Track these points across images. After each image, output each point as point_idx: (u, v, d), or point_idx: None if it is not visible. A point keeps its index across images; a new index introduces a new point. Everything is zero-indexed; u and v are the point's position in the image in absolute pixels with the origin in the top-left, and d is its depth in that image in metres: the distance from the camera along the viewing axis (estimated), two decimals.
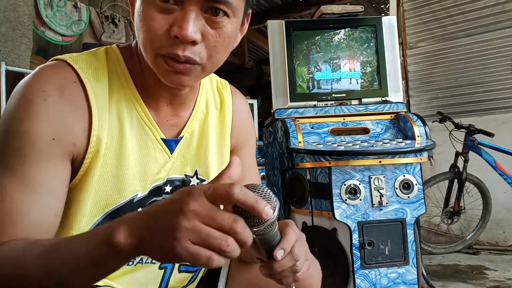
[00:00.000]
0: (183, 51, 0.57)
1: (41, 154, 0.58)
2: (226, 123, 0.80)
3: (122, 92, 0.66)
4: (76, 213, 0.63)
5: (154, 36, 0.58)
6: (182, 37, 0.56)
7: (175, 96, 0.70)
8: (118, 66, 0.67)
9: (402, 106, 1.96)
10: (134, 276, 0.73)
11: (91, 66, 0.64)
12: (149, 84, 0.68)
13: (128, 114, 0.66)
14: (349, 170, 1.67)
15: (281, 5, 5.41)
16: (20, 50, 2.53)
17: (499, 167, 2.78)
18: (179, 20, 0.56)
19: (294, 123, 1.83)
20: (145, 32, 0.59)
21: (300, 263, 0.57)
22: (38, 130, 0.58)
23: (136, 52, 0.68)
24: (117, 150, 0.65)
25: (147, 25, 0.58)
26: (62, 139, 0.59)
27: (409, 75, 3.55)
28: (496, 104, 3.18)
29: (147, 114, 0.68)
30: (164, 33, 0.57)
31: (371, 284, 1.62)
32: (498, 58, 3.18)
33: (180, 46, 0.57)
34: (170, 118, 0.71)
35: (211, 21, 0.58)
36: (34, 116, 0.58)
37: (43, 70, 0.62)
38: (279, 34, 2.01)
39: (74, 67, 0.62)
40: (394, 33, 2.09)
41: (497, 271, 2.43)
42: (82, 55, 0.66)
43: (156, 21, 0.57)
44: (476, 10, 3.25)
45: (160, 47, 0.58)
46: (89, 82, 0.62)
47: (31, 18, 2.66)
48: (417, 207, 1.70)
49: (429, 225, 3.22)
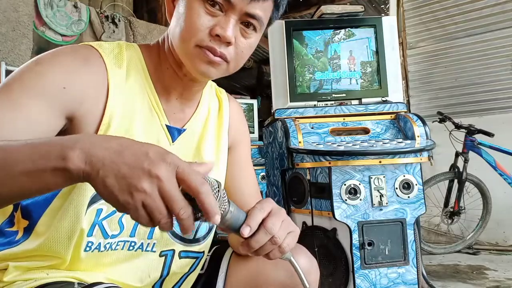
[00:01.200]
0: (219, 48, 0.67)
1: (45, 92, 0.61)
2: (224, 124, 0.87)
3: (138, 79, 0.73)
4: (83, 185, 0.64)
5: (198, 30, 0.66)
6: (223, 36, 0.66)
7: (186, 91, 0.77)
8: (137, 57, 0.74)
9: (402, 106, 1.96)
10: (135, 264, 0.74)
11: (113, 53, 0.71)
12: (164, 77, 0.75)
13: (140, 98, 0.72)
14: (349, 170, 1.67)
15: None
16: (20, 50, 2.54)
17: (499, 167, 2.78)
18: (222, 23, 0.66)
19: (294, 123, 1.83)
20: (189, 26, 0.67)
21: (280, 235, 0.61)
22: (54, 74, 0.62)
23: (156, 49, 0.76)
24: (126, 127, 0.69)
25: (194, 20, 0.67)
26: (72, 92, 0.63)
27: (409, 75, 3.55)
28: (496, 104, 3.19)
29: (157, 102, 0.74)
30: (206, 30, 0.67)
31: (371, 284, 1.62)
32: (498, 58, 3.18)
33: (218, 43, 0.67)
34: (177, 111, 0.78)
35: (243, 31, 0.70)
36: (57, 65, 0.63)
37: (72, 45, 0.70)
38: (279, 34, 2.01)
39: (98, 50, 0.69)
40: (394, 33, 2.09)
41: (497, 271, 2.43)
42: (105, 43, 0.72)
43: (202, 19, 0.66)
44: (476, 10, 3.25)
45: (201, 40, 0.67)
46: (110, 64, 0.69)
47: (31, 18, 2.66)
48: (417, 207, 1.70)
49: (429, 225, 3.22)
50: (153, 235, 0.74)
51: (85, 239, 0.66)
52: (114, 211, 0.68)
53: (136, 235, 0.72)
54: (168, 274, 0.78)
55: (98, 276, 0.69)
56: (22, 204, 0.67)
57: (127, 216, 0.69)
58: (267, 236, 0.60)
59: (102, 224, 0.68)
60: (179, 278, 0.81)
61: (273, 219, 0.61)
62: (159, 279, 0.78)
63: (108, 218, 0.68)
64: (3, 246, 0.67)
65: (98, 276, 0.69)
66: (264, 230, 0.60)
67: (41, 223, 0.66)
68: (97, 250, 0.68)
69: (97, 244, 0.68)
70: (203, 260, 0.85)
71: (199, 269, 0.85)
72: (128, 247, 0.72)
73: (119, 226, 0.70)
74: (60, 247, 0.65)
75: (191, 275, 0.83)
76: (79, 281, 0.67)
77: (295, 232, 0.66)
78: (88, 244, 0.67)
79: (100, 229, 0.68)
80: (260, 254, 0.62)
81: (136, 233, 0.72)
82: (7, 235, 0.68)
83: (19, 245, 0.67)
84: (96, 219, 0.67)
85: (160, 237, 0.75)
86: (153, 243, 0.75)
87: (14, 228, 0.68)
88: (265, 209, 0.61)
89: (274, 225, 0.60)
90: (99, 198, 0.66)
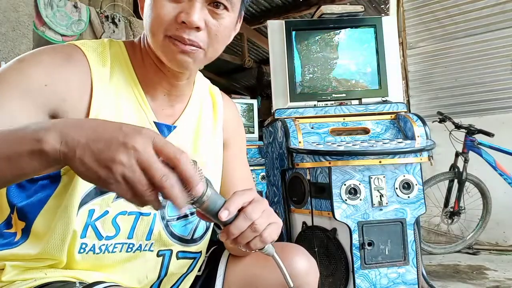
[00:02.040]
0: (188, 35, 0.65)
1: (27, 90, 0.60)
2: (218, 121, 0.86)
3: (122, 77, 0.72)
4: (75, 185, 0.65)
5: (163, 20, 0.65)
6: (188, 22, 0.64)
7: (173, 87, 0.75)
8: (121, 55, 0.73)
9: (402, 106, 1.96)
10: (133, 265, 0.73)
11: (96, 51, 0.70)
12: (149, 73, 0.73)
13: (126, 96, 0.71)
14: (349, 170, 1.67)
15: (281, 5, 5.41)
16: (20, 50, 2.54)
17: (499, 167, 2.78)
18: (186, 9, 0.64)
19: (294, 123, 1.83)
20: (155, 18, 0.66)
21: (260, 222, 0.60)
22: (34, 72, 0.62)
23: (139, 45, 0.75)
24: None
25: (157, 11, 0.65)
26: (54, 89, 0.63)
27: (409, 75, 3.55)
28: (496, 104, 3.19)
29: (144, 99, 0.73)
30: (172, 19, 0.65)
31: (371, 284, 1.62)
32: (498, 58, 3.18)
33: (186, 30, 0.65)
34: (166, 107, 0.76)
35: (213, 12, 0.66)
36: (38, 63, 0.63)
37: (56, 44, 0.70)
38: (279, 34, 2.01)
39: (81, 48, 0.69)
40: (394, 33, 2.09)
41: (497, 271, 2.43)
42: (88, 41, 0.72)
43: (166, 8, 0.65)
44: (476, 10, 3.25)
45: (168, 29, 0.65)
46: (94, 62, 0.68)
47: (31, 18, 2.66)
48: (417, 207, 1.70)
49: (429, 225, 3.22)
50: (151, 236, 0.74)
51: (78, 240, 0.65)
52: (107, 211, 0.68)
53: (134, 236, 0.72)
54: (166, 275, 0.78)
55: (97, 275, 0.69)
56: (18, 206, 0.67)
57: (123, 217, 0.69)
58: (247, 221, 0.58)
59: (95, 225, 0.67)
60: (177, 279, 0.80)
61: (253, 206, 0.60)
62: (157, 280, 0.77)
63: (101, 218, 0.68)
64: (3, 247, 0.67)
65: (97, 275, 0.69)
66: (244, 215, 0.58)
67: (37, 225, 0.66)
68: (92, 252, 0.68)
69: (91, 245, 0.67)
70: (200, 260, 0.85)
71: (197, 270, 0.84)
72: (126, 249, 0.71)
73: (114, 227, 0.69)
74: (55, 248, 0.65)
75: (188, 276, 0.82)
76: (80, 281, 0.67)
77: (278, 224, 0.64)
78: (82, 245, 0.66)
79: (93, 230, 0.67)
80: (241, 242, 0.60)
81: (134, 235, 0.71)
82: (5, 236, 0.68)
83: (19, 247, 0.66)
84: (89, 220, 0.66)
85: (158, 237, 0.75)
86: (151, 243, 0.74)
87: (12, 230, 0.68)
88: (245, 195, 0.60)
89: (253, 211, 0.59)
90: (90, 199, 0.66)
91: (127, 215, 0.70)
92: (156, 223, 0.74)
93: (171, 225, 0.77)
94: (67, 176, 0.66)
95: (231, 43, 5.16)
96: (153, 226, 0.73)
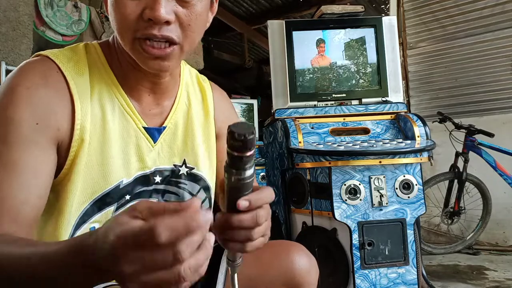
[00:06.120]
0: (159, 31, 0.60)
1: (26, 138, 0.59)
2: (210, 113, 0.83)
3: (103, 83, 0.68)
4: (65, 203, 0.63)
5: (128, 21, 0.60)
6: (155, 18, 0.58)
7: (156, 85, 0.71)
8: (98, 59, 0.69)
9: (402, 106, 1.96)
10: None
11: (72, 60, 0.66)
12: (128, 74, 0.70)
13: (110, 104, 0.68)
14: (349, 170, 1.67)
15: (281, 5, 5.41)
16: (20, 49, 2.54)
17: (499, 167, 2.78)
18: (150, 3, 0.59)
19: (294, 123, 1.83)
20: (119, 20, 0.61)
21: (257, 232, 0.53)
22: (22, 115, 0.59)
23: (114, 46, 0.70)
24: (100, 138, 0.66)
25: (120, 12, 0.60)
26: (46, 124, 0.61)
27: (409, 75, 3.55)
28: (496, 105, 3.18)
29: (129, 103, 0.69)
30: (137, 17, 0.60)
31: (371, 284, 1.62)
32: (498, 59, 3.18)
33: (155, 27, 0.59)
34: (153, 107, 0.73)
35: (181, 1, 0.61)
36: (17, 102, 0.59)
37: (26, 63, 0.65)
38: (279, 34, 2.01)
39: (55, 61, 0.64)
40: (394, 33, 2.09)
41: (497, 271, 2.43)
42: (62, 50, 0.68)
43: (128, 7, 0.60)
44: (477, 10, 3.24)
45: (136, 30, 0.60)
46: (70, 75, 0.64)
47: (31, 18, 2.66)
48: (417, 207, 1.70)
49: (429, 225, 3.22)
50: None
51: None
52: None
53: None
54: None
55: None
56: None
57: None
58: (252, 222, 0.52)
59: None
60: None
61: (265, 213, 0.54)
62: None
63: None
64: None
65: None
66: (253, 215, 0.52)
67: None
68: None
69: None
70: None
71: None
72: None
73: None
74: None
75: None
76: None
77: (266, 238, 0.58)
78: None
79: None
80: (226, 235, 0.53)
81: None
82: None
83: None
84: None
85: None
86: None
87: None
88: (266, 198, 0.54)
89: (262, 217, 0.53)
90: (89, 217, 0.65)
91: None
92: None
93: None
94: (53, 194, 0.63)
95: (231, 43, 5.13)
96: None
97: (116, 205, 0.68)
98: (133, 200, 0.71)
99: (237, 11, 5.58)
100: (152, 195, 0.74)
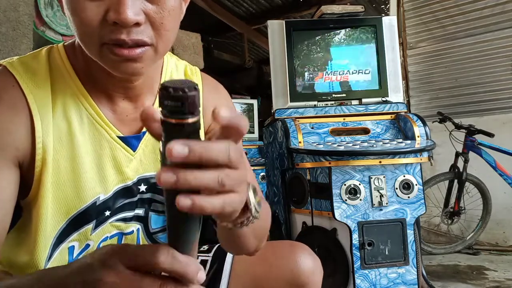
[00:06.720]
0: (127, 35, 0.51)
1: None
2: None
3: (68, 92, 0.61)
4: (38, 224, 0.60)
5: (90, 27, 0.52)
6: (121, 21, 0.50)
7: (128, 89, 0.64)
8: (62, 65, 0.62)
9: (402, 106, 1.96)
10: None
11: (29, 70, 0.60)
12: (97, 80, 0.62)
13: (77, 115, 0.61)
14: (349, 170, 1.67)
15: (281, 5, 5.41)
16: (20, 50, 2.54)
17: (499, 167, 2.78)
18: (114, 4, 0.50)
19: (294, 123, 1.83)
20: (79, 25, 0.53)
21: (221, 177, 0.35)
22: None
23: (79, 49, 0.61)
24: (68, 153, 0.60)
25: (79, 16, 0.52)
26: (3, 143, 0.55)
27: (409, 75, 3.55)
28: (496, 105, 3.18)
29: (99, 112, 0.62)
30: (100, 21, 0.52)
31: (371, 284, 1.62)
32: (499, 59, 3.18)
33: (123, 30, 0.51)
34: (131, 112, 0.66)
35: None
36: None
37: None
38: (279, 34, 2.01)
39: (12, 73, 0.58)
40: (394, 33, 2.09)
41: (497, 271, 2.43)
42: (22, 58, 0.62)
43: (88, 10, 0.51)
44: (477, 10, 3.24)
45: (101, 36, 0.52)
46: (28, 87, 0.58)
47: (31, 18, 2.66)
48: (417, 207, 1.70)
49: (429, 225, 3.22)
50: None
51: None
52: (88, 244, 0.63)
53: None
54: None
55: None
56: None
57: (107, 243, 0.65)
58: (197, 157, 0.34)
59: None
60: None
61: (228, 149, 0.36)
62: None
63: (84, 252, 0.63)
64: None
65: None
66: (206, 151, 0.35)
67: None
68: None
69: None
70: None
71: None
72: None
73: None
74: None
75: None
76: None
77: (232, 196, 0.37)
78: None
79: None
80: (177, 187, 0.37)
81: None
82: None
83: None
84: (71, 257, 0.62)
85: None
86: None
87: None
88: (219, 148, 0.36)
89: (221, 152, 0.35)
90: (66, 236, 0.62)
91: (109, 239, 0.66)
92: (141, 239, 0.71)
93: (157, 237, 0.73)
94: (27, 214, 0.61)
95: (231, 43, 5.12)
96: (138, 242, 0.70)
97: (95, 222, 0.64)
98: (114, 215, 0.66)
99: (237, 11, 5.58)
100: (138, 206, 0.69)
